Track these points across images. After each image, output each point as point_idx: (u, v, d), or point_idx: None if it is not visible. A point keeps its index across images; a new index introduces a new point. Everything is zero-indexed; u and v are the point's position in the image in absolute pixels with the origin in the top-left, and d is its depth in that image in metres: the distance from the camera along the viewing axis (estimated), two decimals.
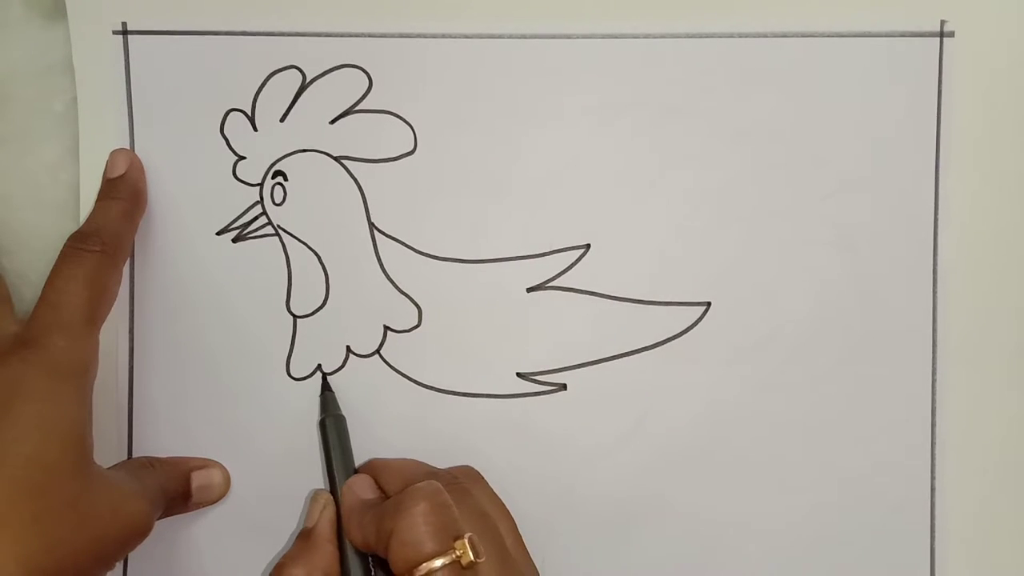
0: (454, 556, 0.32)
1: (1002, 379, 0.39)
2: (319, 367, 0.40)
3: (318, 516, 0.38)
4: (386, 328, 0.40)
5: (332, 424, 0.39)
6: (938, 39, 0.39)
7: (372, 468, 0.39)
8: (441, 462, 0.40)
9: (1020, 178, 0.39)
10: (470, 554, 0.33)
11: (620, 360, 0.39)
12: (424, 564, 0.32)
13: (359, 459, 0.40)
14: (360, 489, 0.38)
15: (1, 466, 0.32)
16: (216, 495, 0.40)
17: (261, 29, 0.39)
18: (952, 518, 0.39)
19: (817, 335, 0.39)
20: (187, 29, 0.39)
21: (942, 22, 0.39)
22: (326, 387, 0.40)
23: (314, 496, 0.39)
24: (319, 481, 0.40)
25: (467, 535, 0.33)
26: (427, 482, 0.35)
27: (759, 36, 0.39)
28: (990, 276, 0.39)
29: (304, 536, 0.38)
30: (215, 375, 0.40)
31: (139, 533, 0.35)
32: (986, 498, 0.39)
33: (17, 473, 0.32)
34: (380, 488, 0.38)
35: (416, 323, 0.40)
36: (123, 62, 0.40)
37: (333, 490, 0.38)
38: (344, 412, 0.40)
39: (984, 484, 0.39)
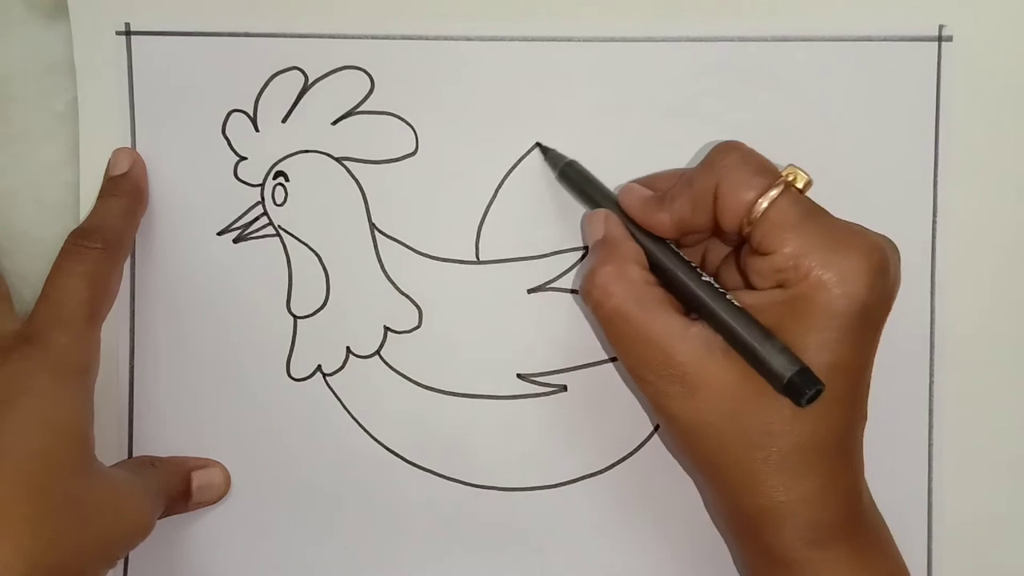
0: (785, 181, 0.32)
1: (1000, 380, 0.39)
2: (319, 367, 0.40)
3: (603, 224, 0.36)
4: (386, 329, 0.40)
5: (573, 167, 0.38)
6: (936, 43, 0.39)
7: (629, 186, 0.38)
8: (441, 463, 0.40)
9: (1018, 181, 0.39)
10: (801, 175, 0.32)
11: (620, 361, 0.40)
12: (761, 197, 0.32)
13: (353, 452, 0.40)
14: (637, 189, 0.36)
15: (5, 463, 0.32)
16: (216, 495, 0.40)
17: (263, 30, 0.39)
18: (949, 519, 0.39)
19: None
20: (190, 30, 0.40)
21: (940, 27, 0.39)
22: (544, 149, 0.39)
23: (589, 216, 0.37)
24: (319, 480, 0.40)
25: (787, 164, 0.33)
26: (722, 141, 0.34)
27: (759, 40, 0.39)
28: (988, 278, 0.39)
29: (597, 245, 0.36)
30: (215, 375, 0.40)
31: (141, 531, 0.35)
32: (983, 499, 0.39)
33: (21, 470, 0.32)
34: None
35: (416, 324, 0.40)
36: (126, 62, 0.40)
37: None
38: (344, 412, 0.40)
39: (981, 485, 0.39)
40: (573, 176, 0.38)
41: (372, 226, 0.40)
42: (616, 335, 0.34)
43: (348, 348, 0.40)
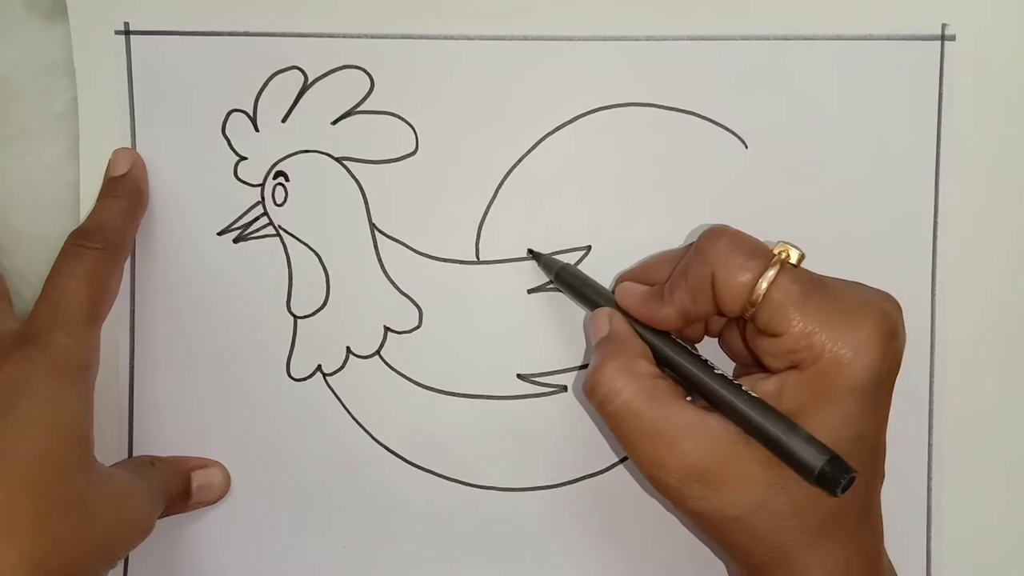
0: (780, 260, 0.32)
1: (1000, 380, 0.39)
2: (319, 367, 0.40)
3: (608, 323, 0.36)
4: (386, 329, 0.40)
5: (567, 271, 0.38)
6: (939, 42, 0.39)
7: (623, 280, 0.38)
8: (441, 463, 0.40)
9: (1020, 181, 0.39)
10: (793, 252, 0.32)
11: None
12: (760, 279, 0.31)
13: (353, 452, 0.40)
14: (634, 287, 0.36)
15: (6, 464, 0.32)
16: (216, 495, 0.40)
17: (263, 30, 0.39)
18: (948, 520, 0.39)
19: None
20: (190, 30, 0.39)
21: (943, 25, 0.39)
22: (537, 256, 0.39)
23: (593, 316, 0.36)
24: (319, 480, 0.40)
25: (777, 242, 0.32)
26: (710, 227, 0.34)
27: (761, 39, 0.39)
28: (988, 279, 0.39)
29: (603, 343, 0.35)
30: (215, 375, 0.40)
31: (141, 531, 0.35)
32: (983, 500, 0.39)
33: (23, 471, 0.32)
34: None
35: (416, 324, 0.40)
36: (125, 62, 0.40)
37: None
38: (344, 412, 0.40)
39: (981, 486, 0.39)
40: (569, 279, 0.38)
41: (372, 226, 0.40)
42: (627, 434, 0.33)
43: (348, 348, 0.40)
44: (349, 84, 0.39)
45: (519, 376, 0.40)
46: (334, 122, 0.40)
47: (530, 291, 0.40)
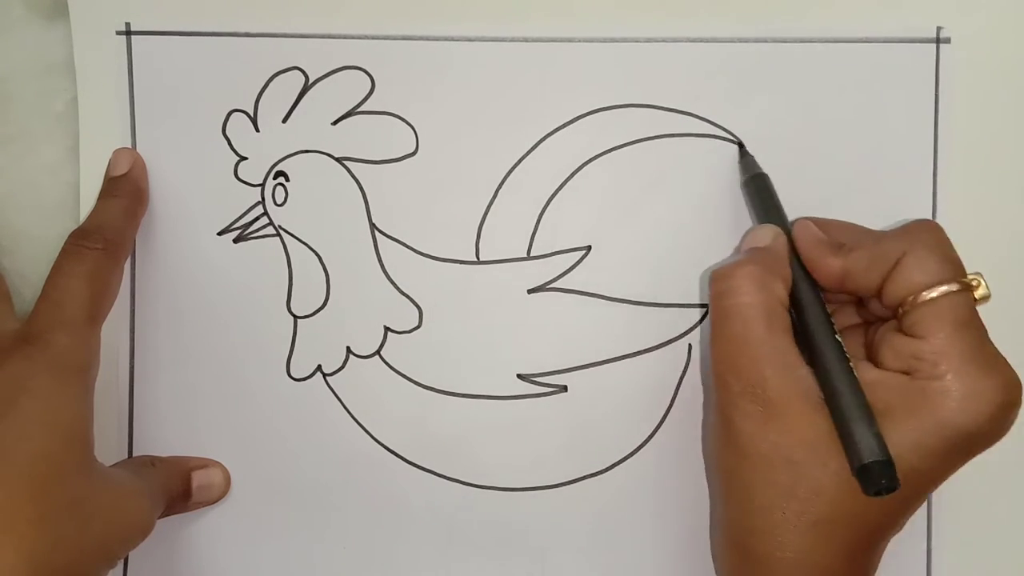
0: (967, 283, 0.32)
1: None
2: (319, 367, 0.40)
3: (771, 238, 0.35)
4: (387, 329, 0.40)
5: (762, 180, 0.38)
6: (934, 45, 0.39)
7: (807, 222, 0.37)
8: (441, 463, 0.40)
9: (1017, 182, 0.39)
10: (985, 287, 0.32)
11: (621, 362, 0.40)
12: (940, 285, 0.31)
13: (353, 452, 0.40)
14: (814, 227, 0.36)
15: (7, 464, 0.32)
16: (216, 495, 0.40)
17: (264, 30, 0.39)
18: (949, 520, 0.39)
19: None
20: (190, 30, 0.40)
21: (938, 28, 0.39)
22: (744, 153, 0.39)
23: (761, 225, 0.36)
24: (319, 480, 0.40)
25: (975, 272, 0.32)
26: (925, 219, 0.34)
27: (758, 41, 0.39)
28: (987, 279, 0.39)
29: (756, 250, 0.35)
30: (215, 375, 0.40)
31: (141, 531, 0.35)
32: (983, 500, 0.39)
33: (23, 471, 0.32)
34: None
35: (417, 324, 0.40)
36: (126, 62, 0.40)
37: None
38: (344, 412, 0.40)
39: (981, 486, 0.39)
40: (758, 189, 0.38)
41: (372, 226, 0.40)
42: (727, 334, 0.33)
43: (348, 348, 0.40)
44: (350, 84, 0.40)
45: (519, 376, 0.40)
46: (334, 122, 0.40)
47: (531, 291, 0.40)
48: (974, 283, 0.32)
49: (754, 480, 0.32)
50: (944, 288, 0.32)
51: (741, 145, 0.39)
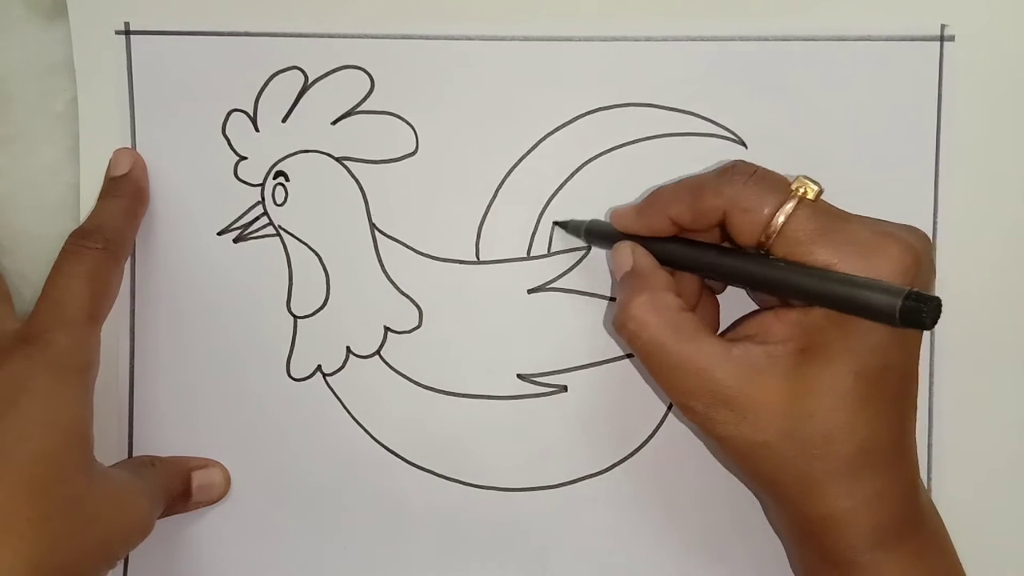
0: (798, 195, 0.32)
1: (1000, 380, 0.39)
2: (319, 367, 0.40)
3: (631, 256, 0.36)
4: (386, 329, 0.40)
5: (597, 225, 0.38)
6: (938, 43, 0.39)
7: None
8: (441, 463, 0.40)
9: (1019, 181, 0.39)
10: (811, 187, 0.32)
11: (621, 362, 0.40)
12: (777, 212, 0.32)
13: (353, 452, 0.40)
14: (624, 206, 0.37)
15: (7, 464, 0.32)
16: (216, 495, 0.40)
17: (263, 30, 0.39)
18: (949, 519, 0.39)
19: None
20: (190, 30, 0.39)
21: (942, 26, 0.39)
22: (560, 224, 0.39)
23: (614, 249, 0.37)
24: (319, 480, 0.40)
25: (796, 176, 0.32)
26: (730, 162, 0.34)
27: (761, 39, 0.39)
28: (988, 279, 0.39)
29: (628, 277, 0.35)
30: (215, 375, 0.40)
31: (141, 531, 0.35)
32: (983, 499, 0.39)
33: (23, 471, 0.32)
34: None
35: (417, 324, 0.40)
36: (125, 62, 0.40)
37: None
38: (344, 412, 0.40)
39: (981, 485, 0.39)
40: (600, 233, 0.38)
41: (372, 226, 0.40)
42: (656, 366, 0.34)
43: (348, 348, 0.40)
44: (349, 84, 0.39)
45: (519, 376, 0.40)
46: (334, 122, 0.40)
47: (530, 291, 0.40)
48: (801, 189, 0.32)
49: (773, 466, 0.33)
50: (782, 213, 0.32)
51: (556, 223, 0.39)
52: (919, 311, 0.29)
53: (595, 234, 0.38)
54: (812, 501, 0.32)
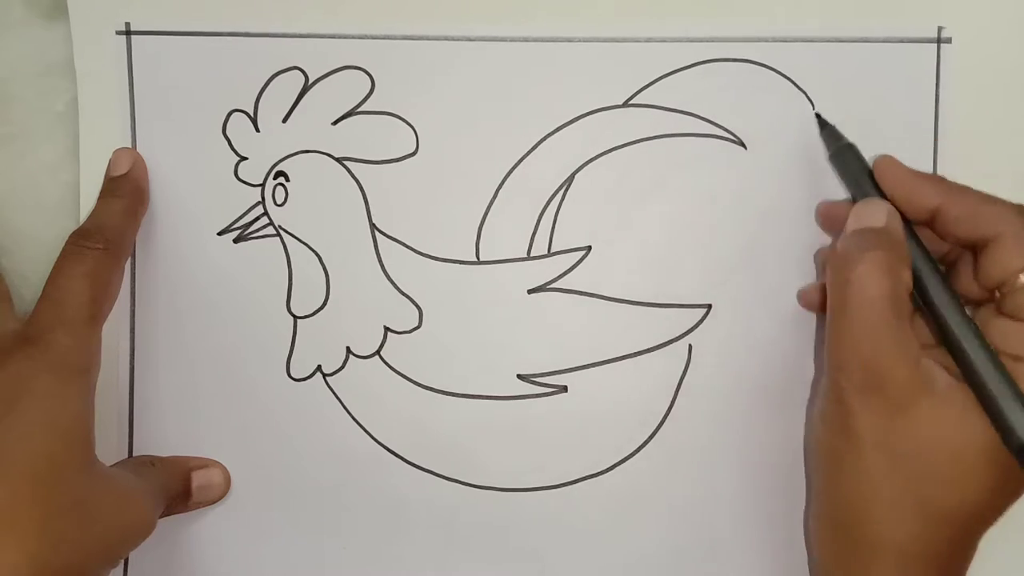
0: None
1: None
2: (319, 367, 0.40)
3: (886, 217, 0.34)
4: (386, 329, 0.40)
5: (851, 151, 0.37)
6: (935, 45, 0.39)
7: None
8: (440, 463, 0.40)
9: (1017, 182, 0.39)
10: None
11: (621, 362, 0.40)
12: None
13: (352, 452, 0.40)
14: (904, 165, 0.35)
15: (9, 464, 0.32)
16: (216, 495, 0.40)
17: (264, 30, 0.39)
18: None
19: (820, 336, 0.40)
20: (190, 30, 0.40)
21: (939, 28, 0.39)
22: (823, 123, 0.38)
23: (869, 202, 0.35)
24: (319, 480, 0.40)
25: None
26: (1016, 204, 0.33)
27: (759, 41, 0.39)
28: None
29: (877, 232, 0.33)
30: (215, 375, 0.40)
31: (142, 531, 0.35)
32: None
33: (25, 471, 0.32)
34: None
35: (417, 324, 0.40)
36: (126, 62, 0.40)
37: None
38: (344, 412, 0.40)
39: None
40: (850, 160, 0.37)
41: (372, 226, 0.40)
42: (853, 324, 0.32)
43: (348, 348, 0.40)
44: (350, 84, 0.40)
45: (519, 376, 0.40)
46: (335, 122, 0.40)
47: (531, 291, 0.40)
48: None
49: (874, 470, 0.32)
50: None
51: (819, 115, 0.38)
52: None
53: (843, 161, 0.37)
54: (873, 523, 0.32)
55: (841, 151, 0.37)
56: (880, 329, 0.32)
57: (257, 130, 0.40)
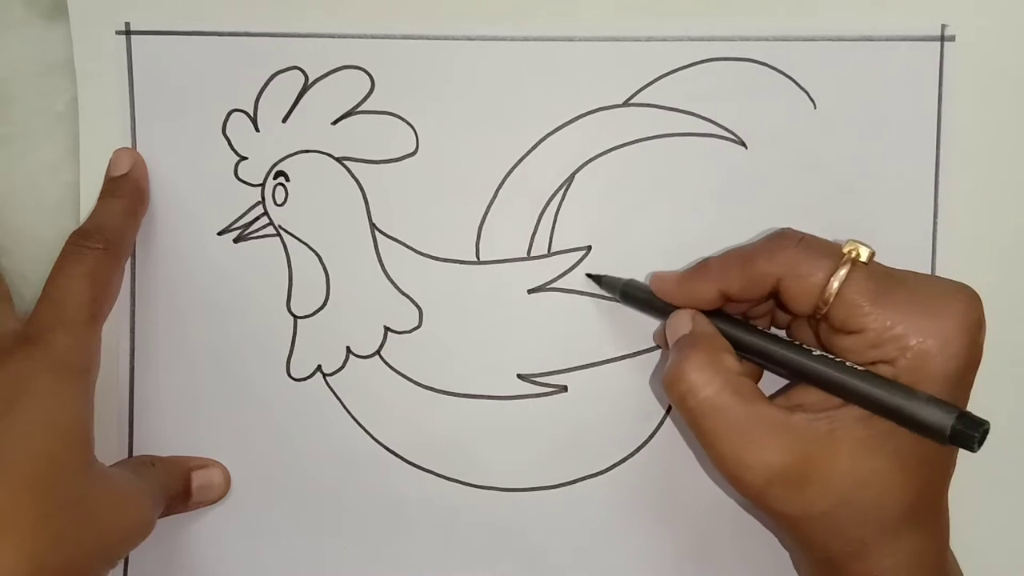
0: (851, 258, 0.32)
1: (1000, 380, 0.39)
2: (319, 367, 0.40)
3: (690, 321, 0.35)
4: (387, 329, 0.40)
5: (633, 285, 0.38)
6: (939, 43, 0.39)
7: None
8: (441, 463, 0.40)
9: (1019, 181, 0.39)
10: (863, 249, 0.32)
11: (621, 362, 0.40)
12: (832, 278, 0.31)
13: (353, 452, 0.40)
14: (666, 272, 0.37)
15: (9, 464, 0.32)
16: (216, 495, 0.40)
17: (264, 30, 0.39)
18: (949, 518, 0.39)
19: None
20: (190, 30, 0.39)
21: (943, 26, 0.39)
22: (596, 278, 0.39)
23: (673, 316, 0.36)
24: (319, 480, 0.40)
25: (846, 240, 0.32)
26: (779, 230, 0.34)
27: (761, 39, 0.39)
28: (988, 279, 0.39)
29: (685, 339, 0.34)
30: (215, 375, 0.40)
31: (142, 531, 0.35)
32: (983, 500, 0.39)
33: (25, 471, 0.32)
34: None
35: (417, 324, 0.40)
36: (126, 62, 0.40)
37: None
38: (344, 412, 0.40)
39: (981, 486, 0.39)
40: (636, 294, 0.38)
41: (372, 226, 0.40)
42: (710, 431, 0.32)
43: (348, 348, 0.40)
44: (349, 84, 0.39)
45: (519, 376, 0.40)
46: (334, 122, 0.40)
47: (531, 291, 0.40)
48: (853, 252, 0.32)
49: (827, 532, 0.32)
50: (836, 279, 0.32)
51: (589, 274, 0.39)
52: (970, 437, 0.29)
53: (632, 296, 0.38)
54: (857, 563, 0.32)
55: (626, 290, 0.38)
56: (735, 423, 0.32)
57: (257, 130, 0.40)
